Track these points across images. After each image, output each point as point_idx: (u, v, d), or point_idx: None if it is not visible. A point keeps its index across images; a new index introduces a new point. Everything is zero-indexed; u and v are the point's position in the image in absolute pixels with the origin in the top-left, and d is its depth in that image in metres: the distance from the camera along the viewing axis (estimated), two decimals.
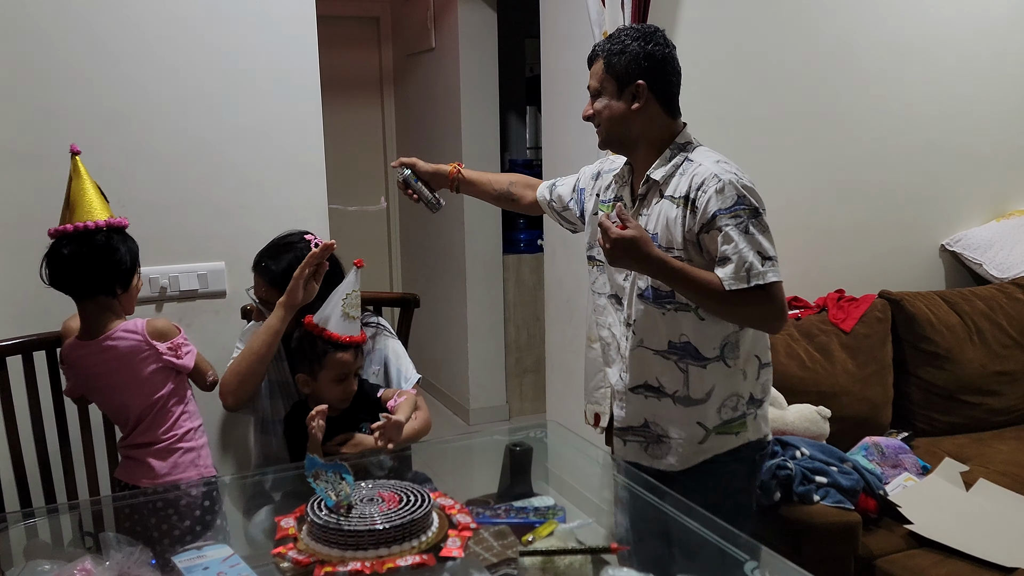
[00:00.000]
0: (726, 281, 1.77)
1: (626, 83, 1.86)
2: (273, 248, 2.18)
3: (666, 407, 1.94)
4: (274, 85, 2.57)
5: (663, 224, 1.86)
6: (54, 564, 1.51)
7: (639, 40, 1.86)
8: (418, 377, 2.29)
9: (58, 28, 2.35)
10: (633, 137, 1.90)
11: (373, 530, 1.47)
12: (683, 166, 1.87)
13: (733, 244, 1.77)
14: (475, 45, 4.43)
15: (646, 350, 1.93)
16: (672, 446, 1.94)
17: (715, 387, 1.90)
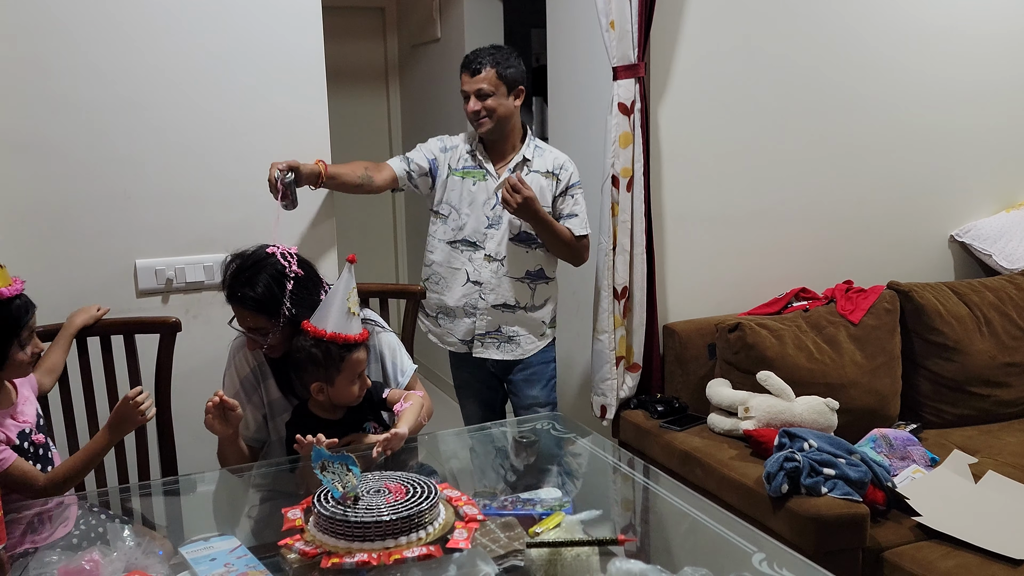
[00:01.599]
0: (576, 229, 2.69)
1: (513, 87, 2.64)
2: (242, 273, 2.03)
3: (519, 316, 2.76)
4: (280, 76, 2.56)
5: (537, 189, 2.63)
6: (62, 555, 1.52)
7: (518, 57, 2.66)
8: (414, 368, 2.26)
9: (67, 20, 2.35)
10: (511, 126, 2.69)
11: (380, 521, 1.47)
12: (539, 148, 2.74)
13: (580, 206, 2.71)
14: (481, 36, 4.41)
15: (508, 278, 2.71)
16: (521, 342, 2.78)
17: (550, 297, 2.81)
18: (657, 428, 2.86)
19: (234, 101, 2.53)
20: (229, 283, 2.04)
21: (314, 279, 2.09)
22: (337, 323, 1.94)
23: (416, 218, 5.32)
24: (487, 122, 2.63)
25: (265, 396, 2.17)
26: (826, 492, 2.32)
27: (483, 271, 2.72)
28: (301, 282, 2.04)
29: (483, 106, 2.61)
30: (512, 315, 2.75)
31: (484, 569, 1.42)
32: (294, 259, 2.06)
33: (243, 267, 2.04)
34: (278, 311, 2.00)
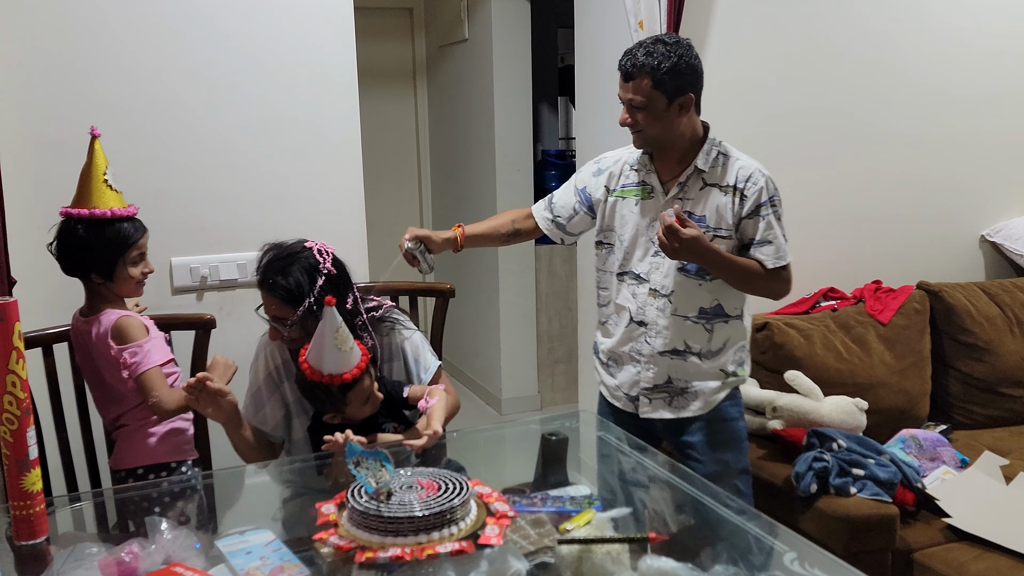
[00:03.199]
0: (768, 260, 2.13)
1: (675, 97, 2.08)
2: (277, 262, 2.05)
3: (692, 364, 2.23)
4: (312, 76, 2.60)
5: (712, 208, 2.15)
6: (101, 547, 1.55)
7: (680, 56, 2.07)
8: (438, 364, 2.26)
9: (97, 20, 2.39)
10: (675, 139, 2.16)
11: (412, 517, 1.48)
12: (719, 159, 2.17)
13: (773, 231, 2.15)
14: (508, 36, 4.43)
15: (679, 317, 2.21)
16: (696, 394, 2.25)
17: (731, 338, 2.24)
18: None
19: (267, 101, 2.56)
20: (263, 270, 2.07)
21: (345, 280, 2.11)
22: (332, 364, 1.93)
23: (443, 215, 5.35)
24: (637, 139, 2.18)
25: (287, 395, 2.19)
26: (855, 492, 2.32)
27: (648, 309, 2.24)
28: (332, 280, 2.05)
29: (634, 119, 2.13)
30: (683, 363, 2.23)
31: (515, 565, 1.44)
32: (329, 257, 2.08)
33: (279, 256, 2.06)
34: (303, 305, 2.02)
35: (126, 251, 2.10)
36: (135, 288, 2.17)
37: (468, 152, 4.83)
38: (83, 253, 2.08)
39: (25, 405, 1.49)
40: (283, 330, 2.06)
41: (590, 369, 3.65)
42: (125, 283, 2.13)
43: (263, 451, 2.15)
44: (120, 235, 2.09)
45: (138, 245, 2.13)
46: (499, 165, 4.51)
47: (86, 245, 2.07)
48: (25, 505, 1.52)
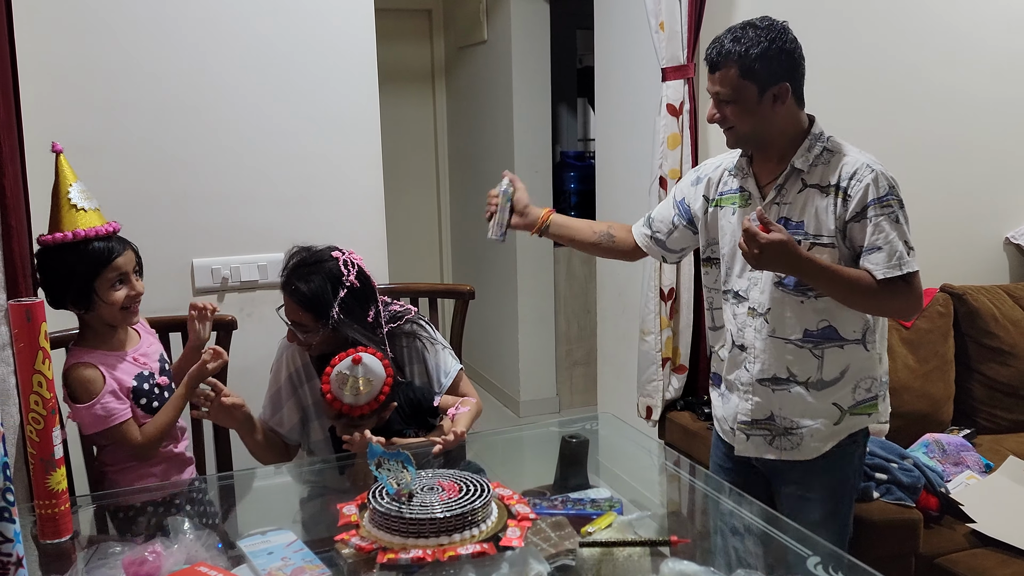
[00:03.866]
0: (878, 270, 1.80)
1: (767, 87, 1.84)
2: (302, 267, 2.05)
3: (796, 396, 1.92)
4: (333, 79, 2.61)
5: (811, 213, 1.87)
6: (125, 547, 1.56)
7: (771, 40, 1.83)
8: (459, 368, 2.25)
9: (124, 25, 2.41)
10: (773, 134, 1.90)
11: (434, 518, 1.48)
12: (823, 155, 1.89)
13: (884, 234, 1.81)
14: (527, 37, 4.43)
15: (778, 340, 1.92)
16: (803, 435, 1.93)
17: (849, 367, 1.90)
18: (704, 430, 2.85)
19: (288, 103, 2.58)
20: (288, 273, 2.07)
21: (368, 294, 2.10)
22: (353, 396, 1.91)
23: (460, 219, 5.36)
24: (729, 137, 1.94)
25: (304, 399, 2.19)
26: (878, 497, 2.30)
27: (746, 331, 1.97)
28: (355, 293, 2.05)
29: (723, 114, 1.90)
30: (787, 394, 1.93)
31: (536, 567, 1.43)
32: (354, 269, 2.07)
33: (305, 261, 2.06)
34: (324, 313, 2.01)
35: (99, 274, 1.90)
36: (121, 315, 1.96)
37: (487, 153, 4.83)
38: (56, 281, 1.91)
39: (51, 405, 1.50)
40: (301, 336, 2.07)
41: (608, 371, 3.66)
42: (107, 310, 1.93)
43: (277, 453, 2.16)
44: (89, 257, 1.89)
45: (114, 266, 1.91)
46: (518, 166, 4.51)
47: (57, 273, 1.90)
48: (50, 504, 1.53)
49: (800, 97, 1.91)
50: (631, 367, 3.18)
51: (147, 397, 2.02)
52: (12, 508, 1.30)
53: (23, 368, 1.48)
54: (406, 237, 5.11)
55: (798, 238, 1.84)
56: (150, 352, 2.09)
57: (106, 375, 1.96)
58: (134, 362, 2.03)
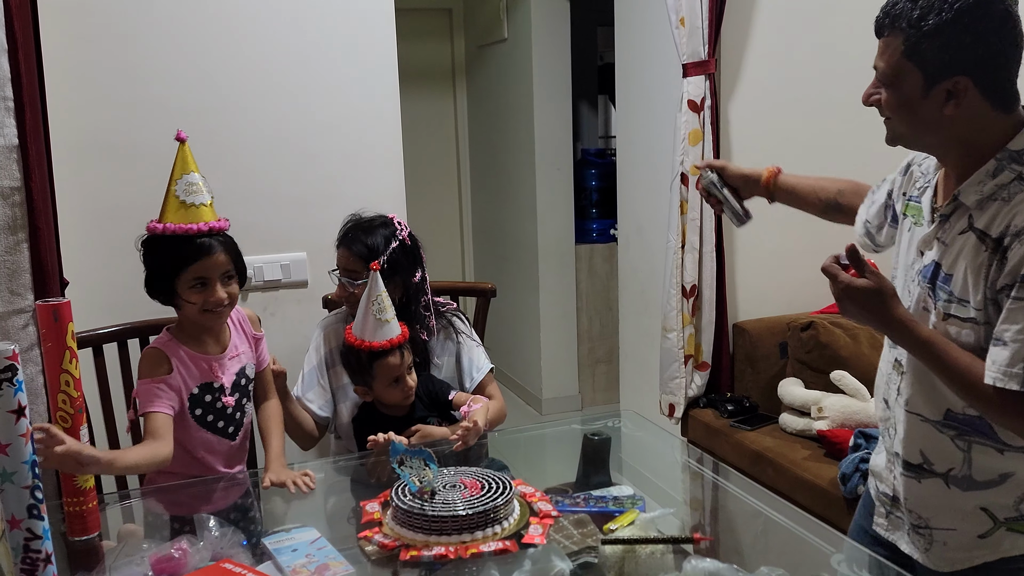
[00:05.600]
0: (990, 372, 1.29)
1: (938, 78, 1.32)
2: (364, 222, 2.22)
3: (931, 488, 1.45)
4: (354, 78, 2.62)
5: (964, 266, 1.35)
6: (151, 543, 1.58)
7: (965, 11, 1.27)
8: (490, 367, 2.30)
9: (145, 29, 2.43)
10: (945, 142, 1.39)
11: (456, 516, 1.49)
12: (1011, 187, 1.32)
13: (1020, 327, 1.26)
14: (548, 35, 4.43)
15: (912, 414, 1.46)
16: (935, 538, 1.46)
17: (1015, 474, 1.39)
18: (727, 427, 2.84)
19: (310, 103, 2.59)
20: (347, 229, 2.22)
21: (416, 252, 2.23)
22: (364, 331, 2.01)
23: (482, 217, 5.36)
24: (887, 129, 1.45)
25: (336, 379, 2.25)
26: None
27: (891, 388, 1.53)
28: (404, 247, 2.19)
29: (880, 99, 1.42)
30: (918, 485, 1.47)
31: (559, 565, 1.44)
32: (407, 229, 2.25)
33: (364, 219, 2.24)
34: (375, 258, 2.13)
35: (179, 274, 1.84)
36: (202, 317, 1.88)
37: (507, 151, 4.83)
38: (147, 271, 1.89)
39: (78, 403, 1.53)
40: (351, 285, 2.17)
41: (631, 369, 3.65)
42: (188, 309, 1.87)
43: (307, 428, 2.20)
44: (174, 256, 1.83)
45: (195, 269, 1.83)
46: (539, 164, 4.51)
47: (147, 263, 1.88)
48: (78, 501, 1.56)
49: (1002, 96, 1.33)
50: (653, 364, 3.17)
51: (203, 408, 1.93)
52: (41, 505, 1.32)
53: (51, 367, 1.50)
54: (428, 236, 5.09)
55: (940, 295, 1.39)
56: (231, 365, 1.98)
57: (173, 365, 1.90)
58: (208, 369, 1.94)
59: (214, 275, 1.86)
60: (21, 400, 1.30)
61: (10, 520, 1.31)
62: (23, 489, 1.31)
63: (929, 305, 1.42)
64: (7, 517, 1.32)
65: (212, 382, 1.94)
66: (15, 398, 1.29)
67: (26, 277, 1.82)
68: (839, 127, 3.11)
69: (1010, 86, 1.34)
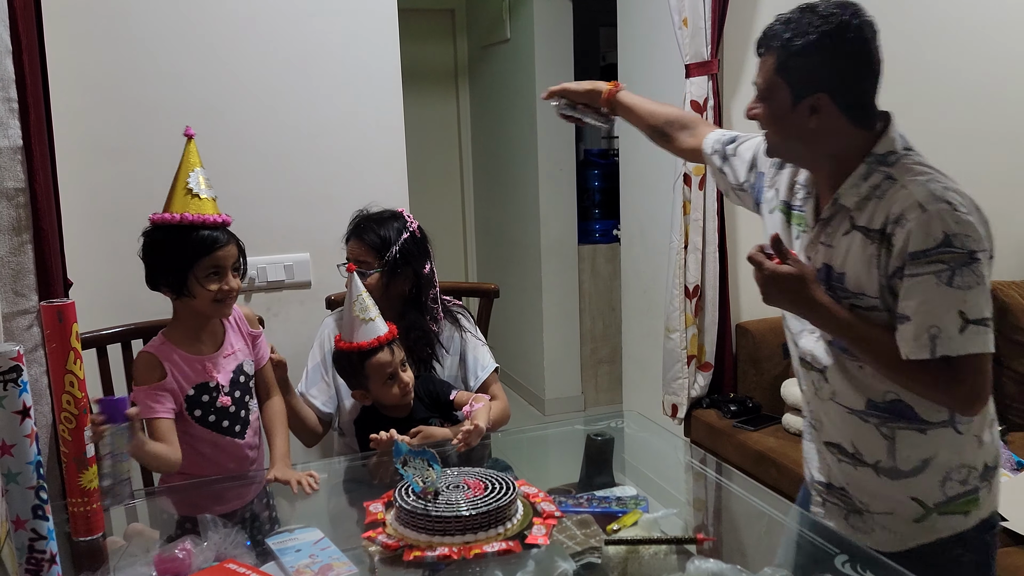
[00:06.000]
0: (903, 347, 1.39)
1: (802, 94, 1.46)
2: (374, 214, 2.26)
3: (866, 476, 1.55)
4: (356, 79, 2.62)
5: (854, 263, 1.47)
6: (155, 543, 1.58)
7: (827, 35, 1.42)
8: (494, 366, 2.31)
9: (149, 30, 2.44)
10: (811, 154, 1.53)
11: (459, 516, 1.49)
12: (882, 186, 1.46)
13: (920, 301, 1.37)
14: (550, 35, 4.43)
15: (839, 407, 1.55)
16: (876, 522, 1.57)
17: (935, 457, 1.50)
18: (730, 428, 2.84)
19: (313, 104, 2.60)
20: (358, 221, 2.26)
21: (425, 244, 2.28)
22: (351, 332, 2.01)
23: (484, 217, 5.36)
24: (766, 138, 1.57)
25: (337, 376, 2.25)
26: None
27: (806, 383, 1.66)
28: (415, 239, 2.25)
29: (755, 111, 1.55)
30: (854, 471, 1.58)
31: (562, 565, 1.44)
32: (415, 221, 2.29)
33: (373, 213, 2.29)
34: (387, 248, 2.20)
35: (197, 262, 1.87)
36: (212, 307, 1.92)
37: (510, 152, 4.83)
38: (155, 261, 1.90)
39: (82, 404, 1.53)
40: (363, 278, 2.15)
41: (634, 369, 3.65)
42: (197, 301, 1.90)
43: (310, 424, 2.21)
44: (192, 244, 1.87)
45: (213, 257, 1.88)
46: (541, 165, 4.51)
47: (158, 252, 1.90)
48: (83, 502, 1.55)
49: (860, 113, 1.49)
50: (656, 365, 3.17)
51: (202, 408, 1.94)
52: (46, 506, 1.33)
53: (55, 368, 1.51)
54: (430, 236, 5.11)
55: (837, 293, 1.49)
56: (224, 363, 1.99)
57: (168, 370, 1.91)
58: (202, 370, 1.95)
59: (227, 265, 1.92)
60: (26, 401, 1.30)
61: (15, 520, 1.32)
62: (28, 490, 1.31)
63: None
64: (12, 517, 1.32)
65: (208, 382, 1.95)
66: (20, 399, 1.29)
67: (30, 278, 1.82)
68: None
69: (867, 104, 1.50)
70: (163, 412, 1.88)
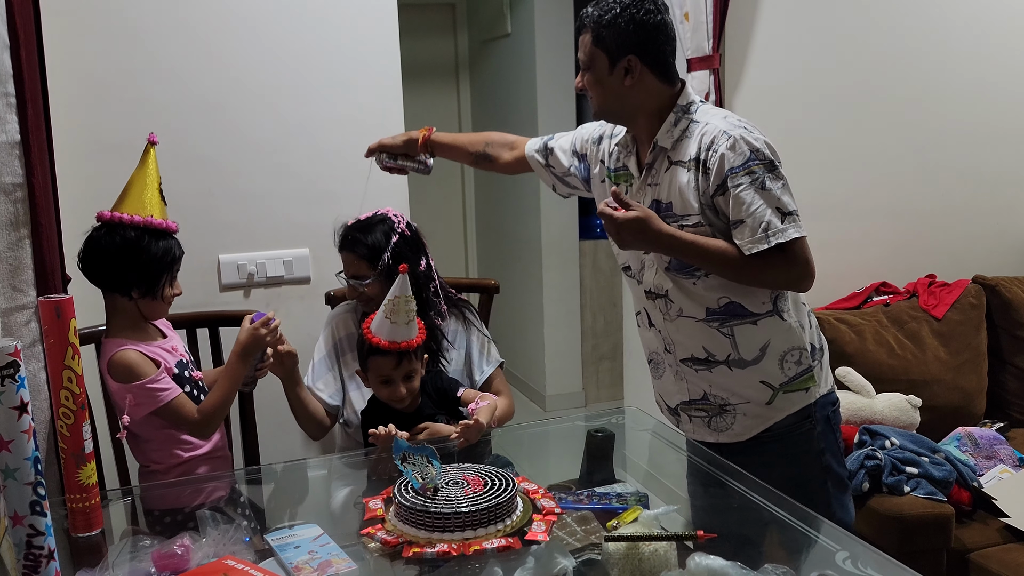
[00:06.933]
0: (745, 246, 1.70)
1: (616, 58, 1.77)
2: (357, 223, 2.22)
3: (721, 375, 1.84)
4: (356, 74, 2.61)
5: (676, 191, 1.78)
6: (154, 540, 1.58)
7: (628, 8, 1.74)
8: (500, 361, 2.32)
9: (148, 26, 2.43)
10: (629, 110, 1.83)
11: (458, 512, 1.49)
12: (689, 128, 1.79)
13: (746, 205, 1.70)
14: (551, 29, 4.42)
15: (686, 319, 1.84)
16: (737, 411, 1.85)
17: (770, 343, 1.81)
18: None
19: (312, 99, 2.59)
20: (344, 232, 2.22)
21: (418, 242, 2.25)
22: (377, 325, 2.00)
23: (485, 213, 5.35)
24: (592, 104, 1.88)
25: (345, 368, 2.27)
26: (909, 491, 2.27)
27: (653, 313, 1.94)
28: (406, 239, 2.20)
29: (583, 83, 1.86)
30: (709, 373, 1.87)
31: (562, 562, 1.43)
32: (404, 220, 2.25)
33: (359, 221, 2.23)
34: (380, 256, 2.16)
35: (172, 268, 2.00)
36: (165, 309, 2.05)
37: None
38: (129, 263, 1.93)
39: (81, 400, 1.52)
40: (360, 287, 2.18)
41: (635, 365, 3.63)
42: (160, 303, 2.01)
43: (318, 416, 2.21)
44: (172, 250, 1.99)
45: (178, 263, 2.03)
46: None
47: (134, 255, 1.93)
48: (81, 498, 1.55)
49: (663, 71, 1.80)
50: None
51: (189, 384, 2.04)
52: (44, 502, 1.32)
53: (53, 364, 1.50)
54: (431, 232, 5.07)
55: (668, 219, 1.76)
56: (178, 346, 2.11)
57: (153, 357, 1.99)
58: (172, 351, 2.06)
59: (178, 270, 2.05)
60: (24, 396, 1.29)
61: (13, 516, 1.31)
62: (26, 485, 1.31)
63: None
64: (10, 513, 1.31)
65: (181, 359, 2.06)
66: (18, 394, 1.28)
67: (28, 273, 1.81)
68: (843, 121, 3.10)
69: (668, 64, 1.81)
70: (177, 390, 1.98)
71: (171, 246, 1.99)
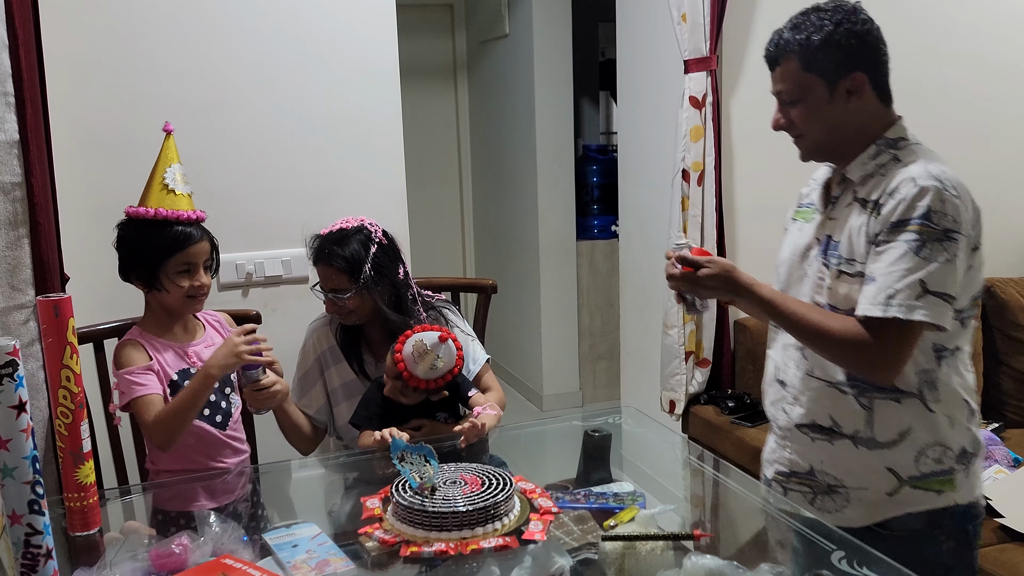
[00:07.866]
0: (861, 307, 1.49)
1: (836, 80, 1.55)
2: (332, 235, 2.15)
3: (843, 450, 1.61)
4: (355, 75, 2.62)
5: (847, 232, 1.57)
6: (152, 539, 1.58)
7: (837, 23, 1.54)
8: (486, 358, 2.31)
9: (147, 26, 2.43)
10: (850, 140, 1.61)
11: (456, 512, 1.49)
12: (887, 166, 1.57)
13: (886, 263, 1.46)
14: (549, 30, 4.42)
15: (817, 380, 1.62)
16: (851, 497, 1.62)
17: (911, 429, 1.56)
18: (728, 424, 2.84)
19: (310, 98, 2.59)
20: (319, 245, 2.15)
21: (395, 251, 2.20)
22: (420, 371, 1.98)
23: (483, 213, 5.36)
24: (801, 143, 1.65)
25: (331, 381, 2.25)
26: None
27: (789, 365, 1.71)
28: (384, 248, 2.16)
29: (789, 119, 1.63)
30: (829, 446, 1.63)
31: (559, 561, 1.43)
32: (379, 229, 2.19)
33: (332, 233, 2.16)
34: (359, 269, 2.10)
35: (169, 258, 1.91)
36: (183, 303, 1.96)
37: (509, 147, 4.83)
38: (127, 254, 1.95)
39: (79, 399, 1.52)
40: (340, 301, 2.13)
41: (632, 365, 3.64)
42: (169, 296, 1.94)
43: (307, 432, 2.21)
44: (165, 239, 1.91)
45: (186, 253, 1.92)
46: (540, 160, 4.50)
47: (128, 246, 1.94)
48: (79, 497, 1.55)
49: (884, 89, 1.62)
50: (654, 361, 3.17)
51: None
52: (42, 501, 1.33)
53: (52, 363, 1.50)
54: (429, 232, 5.12)
55: (833, 262, 1.58)
56: (205, 353, 2.01)
57: (151, 354, 1.96)
58: (184, 357, 2.00)
59: (199, 262, 1.95)
60: (22, 395, 1.30)
61: (11, 515, 1.31)
62: (24, 484, 1.31)
63: (823, 273, 1.61)
64: (8, 512, 1.32)
65: (189, 368, 1.99)
66: (16, 393, 1.29)
67: (27, 272, 1.81)
68: None
69: (888, 81, 1.63)
70: (156, 389, 1.92)
71: (164, 236, 1.90)
